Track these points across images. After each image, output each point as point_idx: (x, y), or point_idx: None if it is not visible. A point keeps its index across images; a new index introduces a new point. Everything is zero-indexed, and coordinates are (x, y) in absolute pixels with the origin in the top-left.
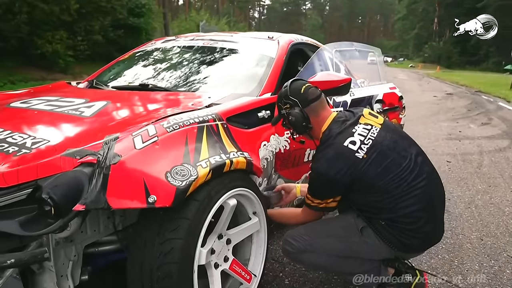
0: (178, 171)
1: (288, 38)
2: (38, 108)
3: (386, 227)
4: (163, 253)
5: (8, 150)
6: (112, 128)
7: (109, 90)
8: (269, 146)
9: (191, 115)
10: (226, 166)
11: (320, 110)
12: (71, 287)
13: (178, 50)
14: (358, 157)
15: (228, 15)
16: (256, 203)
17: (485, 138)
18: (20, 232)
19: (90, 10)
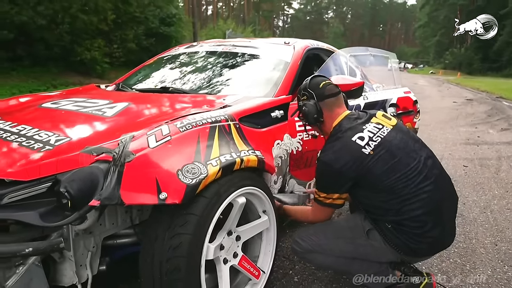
0: (189, 169)
1: (304, 43)
2: (66, 108)
3: (392, 231)
4: (172, 247)
5: (34, 146)
6: (130, 127)
7: (133, 92)
8: (282, 144)
9: (204, 115)
10: (236, 164)
11: (335, 107)
12: (89, 276)
13: (199, 55)
14: (364, 152)
15: (254, 24)
16: (266, 202)
17: (504, 144)
18: (40, 223)
19: (125, 20)
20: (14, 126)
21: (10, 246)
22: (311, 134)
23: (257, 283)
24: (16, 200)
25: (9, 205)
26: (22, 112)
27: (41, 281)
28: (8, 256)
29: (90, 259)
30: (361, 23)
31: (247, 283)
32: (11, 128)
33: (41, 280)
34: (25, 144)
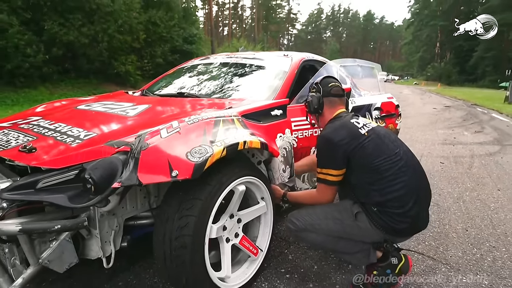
0: (197, 151)
1: (301, 56)
2: (96, 109)
3: (377, 213)
4: (180, 227)
5: (66, 140)
6: (148, 124)
7: (153, 97)
8: (285, 137)
9: (209, 113)
10: (239, 145)
11: (336, 105)
12: (112, 251)
13: (211, 65)
14: (360, 132)
15: (262, 42)
16: (264, 190)
17: (476, 144)
18: (68, 204)
19: (154, 39)
20: (52, 124)
21: (42, 223)
22: (311, 124)
23: (256, 259)
24: (49, 184)
25: (43, 189)
26: (61, 113)
27: (71, 254)
28: (40, 231)
29: (114, 236)
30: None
31: (246, 259)
32: (50, 126)
33: (71, 253)
34: (59, 138)
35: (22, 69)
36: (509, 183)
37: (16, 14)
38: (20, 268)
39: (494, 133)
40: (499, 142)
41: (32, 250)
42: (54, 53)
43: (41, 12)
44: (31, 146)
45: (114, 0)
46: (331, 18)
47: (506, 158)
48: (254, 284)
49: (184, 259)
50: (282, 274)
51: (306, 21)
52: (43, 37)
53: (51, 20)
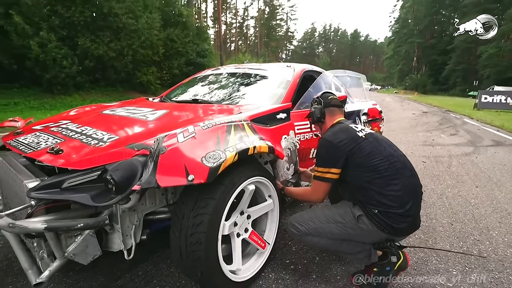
0: (211, 156)
1: (302, 66)
2: (120, 114)
3: (379, 215)
4: (195, 224)
5: (91, 142)
6: (166, 128)
7: (170, 103)
8: (289, 139)
9: (222, 118)
10: (250, 150)
11: (336, 113)
12: (133, 244)
13: (222, 75)
14: (358, 135)
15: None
16: (271, 188)
17: (453, 145)
18: (89, 203)
19: (171, 53)
20: (79, 127)
21: (66, 221)
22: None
23: (264, 252)
24: (74, 184)
25: (68, 189)
26: (88, 117)
27: (94, 248)
28: (64, 230)
29: (134, 230)
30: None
31: (255, 252)
32: (77, 129)
33: (95, 247)
34: (85, 141)
35: (59, 79)
36: (485, 180)
37: (54, 32)
38: (48, 261)
39: (467, 136)
40: (473, 143)
41: (58, 245)
42: (86, 65)
43: (75, 30)
44: (58, 148)
45: (137, 20)
46: (323, 36)
47: (480, 158)
48: (262, 275)
49: (199, 255)
50: (287, 265)
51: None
52: (77, 51)
53: (84, 36)
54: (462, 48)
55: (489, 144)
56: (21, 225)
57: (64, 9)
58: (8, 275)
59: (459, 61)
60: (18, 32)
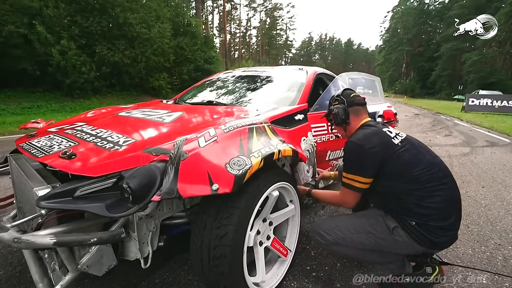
0: (235, 162)
1: (314, 69)
2: (135, 116)
3: (416, 227)
4: (219, 236)
5: (106, 146)
6: (184, 131)
7: (185, 105)
8: (308, 140)
9: (242, 121)
10: (275, 155)
11: (362, 113)
12: (150, 251)
13: (235, 78)
14: (393, 142)
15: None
16: (293, 193)
17: (450, 146)
18: (104, 213)
19: (181, 60)
20: (94, 130)
21: (77, 236)
22: (335, 135)
23: (285, 260)
24: (88, 192)
25: (81, 197)
26: (103, 119)
27: (110, 258)
28: (75, 244)
29: (151, 237)
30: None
31: (277, 260)
32: (92, 131)
33: (110, 257)
34: (99, 144)
35: (78, 84)
36: (490, 181)
37: (74, 40)
38: (60, 273)
39: (461, 136)
40: (468, 144)
41: (70, 257)
42: (103, 71)
43: (93, 38)
44: (71, 152)
45: (150, 29)
46: (319, 44)
47: (479, 158)
48: (284, 283)
49: (223, 269)
50: (308, 272)
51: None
52: (94, 58)
53: (101, 45)
54: (447, 55)
55: (484, 144)
56: (27, 240)
57: (83, 20)
58: (21, 283)
59: (445, 67)
60: (41, 41)
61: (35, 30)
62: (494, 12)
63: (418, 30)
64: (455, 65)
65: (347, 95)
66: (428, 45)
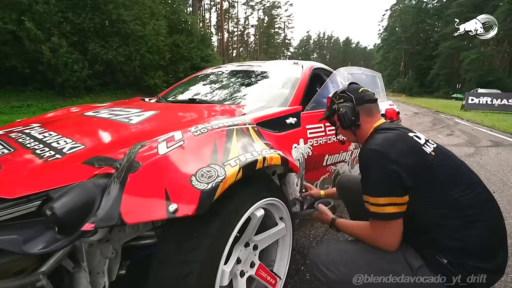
0: (204, 173)
1: (310, 63)
2: (100, 116)
3: (449, 267)
4: (181, 276)
5: (45, 154)
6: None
7: (164, 104)
8: (299, 148)
9: (221, 121)
10: (258, 163)
11: (374, 113)
12: (106, 283)
13: (224, 73)
14: (424, 150)
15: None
16: (283, 209)
17: (454, 146)
18: (20, 250)
19: (177, 58)
20: (43, 133)
21: None
22: (339, 140)
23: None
24: (2, 220)
25: None
26: (64, 120)
27: None
28: None
29: (108, 265)
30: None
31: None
32: (39, 135)
33: None
34: (39, 152)
35: (70, 82)
36: (500, 185)
37: (66, 37)
38: None
39: (464, 136)
40: (472, 144)
41: None
42: (96, 69)
43: (86, 35)
44: None
45: (145, 27)
46: (317, 43)
47: (485, 159)
48: None
49: None
50: None
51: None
52: (87, 56)
53: (94, 42)
54: (445, 54)
55: (488, 144)
56: None
57: (75, 16)
58: None
59: (443, 66)
60: (30, 38)
61: (24, 27)
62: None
63: (416, 28)
64: (453, 64)
65: (354, 90)
66: (426, 44)
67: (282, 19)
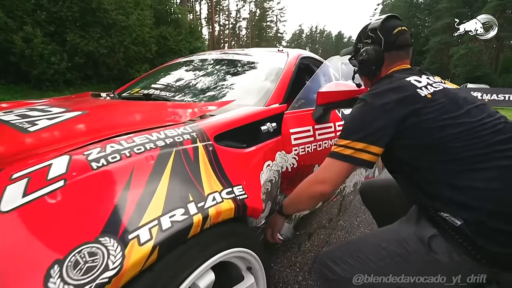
0: (81, 260)
1: (297, 51)
2: (2, 119)
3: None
4: None
5: None
6: (35, 148)
7: (109, 100)
8: (274, 166)
9: (157, 136)
10: (192, 228)
11: (399, 60)
12: None
13: (193, 64)
14: (419, 93)
15: None
16: (251, 258)
17: None
18: None
19: (164, 51)
20: None
21: None
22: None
23: None
24: None
25: None
26: None
27: None
28: None
29: None
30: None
31: None
32: None
33: None
34: None
35: (47, 75)
36: None
37: (40, 27)
38: None
39: None
40: None
41: None
42: (76, 61)
43: (63, 25)
44: None
45: (128, 17)
46: (309, 37)
47: None
48: None
49: None
50: None
51: (290, 39)
52: (66, 47)
53: (72, 32)
54: (435, 49)
55: None
56: None
57: (50, 4)
58: None
59: (433, 60)
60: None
61: None
62: (481, 5)
63: (407, 23)
64: (442, 59)
65: (387, 29)
66: (417, 39)
67: (274, 12)
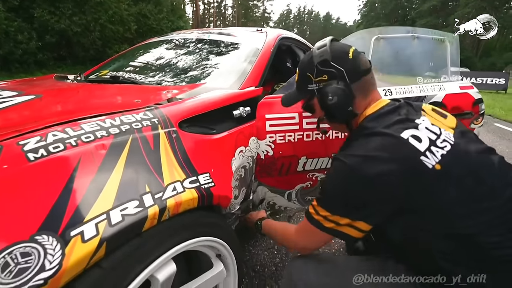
0: (11, 262)
1: (277, 31)
2: None
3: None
4: None
5: None
6: None
7: (68, 83)
8: (247, 151)
9: (109, 122)
10: (148, 220)
11: (371, 88)
12: None
13: (167, 44)
14: (425, 163)
15: None
16: (220, 246)
17: None
18: None
19: (145, 30)
20: None
21: None
22: (322, 132)
23: None
24: None
25: None
26: None
27: None
28: None
29: None
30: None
31: None
32: None
33: None
34: None
35: (15, 55)
36: None
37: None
38: None
39: None
40: None
41: None
42: (48, 41)
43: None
44: None
45: None
46: (297, 18)
47: None
48: None
49: None
50: None
51: (277, 20)
52: (34, 25)
53: (40, 8)
54: None
55: None
56: None
57: None
58: None
59: None
60: None
61: None
62: None
63: (395, 4)
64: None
65: (342, 55)
66: (404, 21)
67: None
